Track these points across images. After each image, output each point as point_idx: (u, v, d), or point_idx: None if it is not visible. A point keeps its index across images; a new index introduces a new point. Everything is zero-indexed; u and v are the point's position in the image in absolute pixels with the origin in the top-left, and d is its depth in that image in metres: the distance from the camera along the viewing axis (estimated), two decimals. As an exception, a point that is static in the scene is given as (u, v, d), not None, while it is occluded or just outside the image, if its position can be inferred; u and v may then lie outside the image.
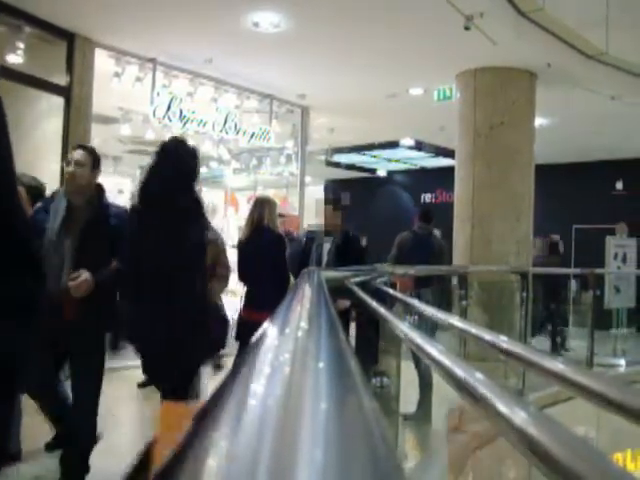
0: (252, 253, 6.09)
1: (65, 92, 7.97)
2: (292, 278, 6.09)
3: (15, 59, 7.45)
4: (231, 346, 6.17)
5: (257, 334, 0.78)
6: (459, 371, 1.03)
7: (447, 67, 9.03)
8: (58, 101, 8.00)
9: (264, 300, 4.91)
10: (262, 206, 6.18)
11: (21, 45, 7.45)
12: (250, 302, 6.07)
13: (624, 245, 10.71)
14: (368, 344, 4.62)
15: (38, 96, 7.96)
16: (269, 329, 0.81)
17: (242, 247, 6.26)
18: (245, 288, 6.28)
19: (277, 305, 1.16)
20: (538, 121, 9.84)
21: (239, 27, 7.73)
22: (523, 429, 0.63)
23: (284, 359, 0.57)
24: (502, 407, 0.74)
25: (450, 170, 10.09)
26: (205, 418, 0.38)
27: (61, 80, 7.96)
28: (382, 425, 0.38)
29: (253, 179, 13.64)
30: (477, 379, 0.92)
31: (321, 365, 0.57)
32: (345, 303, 5.57)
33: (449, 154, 12.77)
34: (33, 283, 0.53)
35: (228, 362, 6.25)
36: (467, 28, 7.23)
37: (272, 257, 6.04)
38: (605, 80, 9.18)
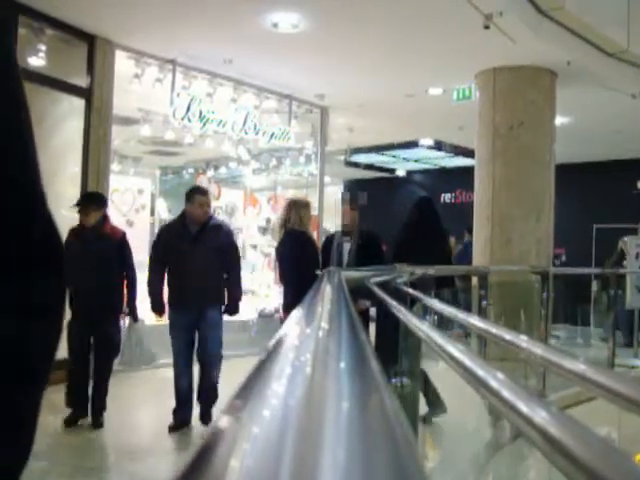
0: (282, 255, 6.34)
1: (86, 94, 8.02)
2: None
3: (37, 61, 7.49)
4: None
5: (277, 334, 0.78)
6: (480, 371, 1.03)
7: (466, 66, 9.00)
8: (79, 103, 8.04)
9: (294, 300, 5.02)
10: (289, 208, 6.41)
11: (43, 47, 7.49)
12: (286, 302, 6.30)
13: (646, 245, 10.61)
14: (388, 344, 4.61)
15: (59, 98, 8.01)
16: (289, 329, 0.81)
17: (276, 249, 6.70)
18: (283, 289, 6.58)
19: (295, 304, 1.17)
20: (558, 120, 9.78)
21: (258, 27, 7.75)
22: (545, 429, 0.63)
23: (305, 359, 0.57)
24: (524, 407, 0.73)
25: (470, 170, 10.06)
26: (226, 419, 0.38)
27: (82, 82, 8.01)
28: (405, 426, 0.38)
29: (272, 179, 13.67)
30: (498, 379, 0.91)
31: (342, 365, 0.57)
32: (365, 303, 5.60)
33: (469, 154, 12.73)
34: (54, 286, 0.54)
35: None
36: (487, 27, 7.20)
37: (298, 258, 6.14)
38: (626, 78, 9.11)
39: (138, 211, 10.18)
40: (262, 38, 8.06)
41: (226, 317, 6.14)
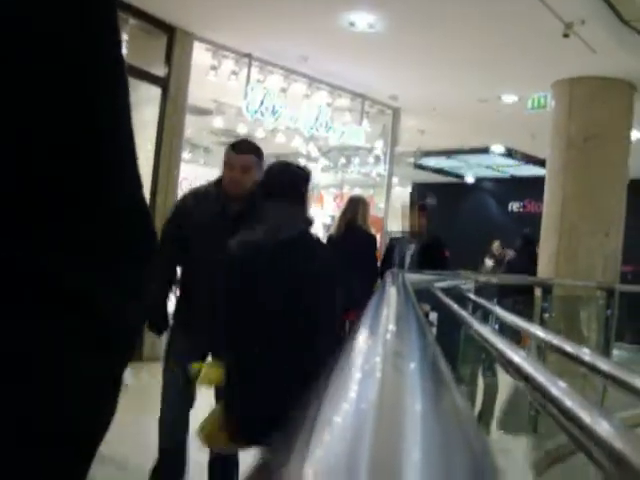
0: (343, 251, 6.13)
1: (162, 83, 8.17)
2: None
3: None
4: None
5: (347, 337, 0.77)
6: (542, 378, 1.02)
7: (543, 75, 8.85)
8: (155, 91, 8.19)
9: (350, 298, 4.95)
10: (356, 205, 6.30)
11: (125, 36, 7.65)
12: None
13: None
14: (448, 350, 4.60)
15: (137, 85, 8.16)
16: (358, 331, 0.82)
17: (333, 243, 6.31)
18: None
19: (363, 304, 1.18)
20: (635, 134, 9.57)
21: (335, 26, 7.77)
22: (611, 445, 0.62)
23: (374, 362, 0.56)
24: (587, 419, 0.72)
25: (540, 180, 9.90)
26: (298, 425, 0.37)
27: (159, 71, 8.16)
28: (477, 427, 0.39)
29: (340, 177, 13.69)
30: (561, 388, 0.90)
31: (412, 366, 0.57)
32: (426, 307, 5.56)
33: (540, 163, 12.54)
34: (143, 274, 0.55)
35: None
36: (566, 35, 7.08)
37: (363, 257, 6.10)
38: None
39: (206, 201, 10.31)
40: (338, 36, 8.09)
41: None
